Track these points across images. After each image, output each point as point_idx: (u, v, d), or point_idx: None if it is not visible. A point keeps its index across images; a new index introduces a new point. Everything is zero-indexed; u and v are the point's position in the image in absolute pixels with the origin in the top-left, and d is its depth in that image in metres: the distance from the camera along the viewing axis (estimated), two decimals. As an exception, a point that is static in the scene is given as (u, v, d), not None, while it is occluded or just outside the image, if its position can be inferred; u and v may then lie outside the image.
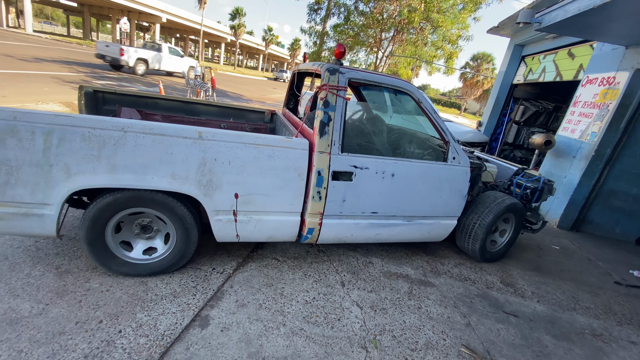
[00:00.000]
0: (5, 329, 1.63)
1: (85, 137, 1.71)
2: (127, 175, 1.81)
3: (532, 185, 3.16)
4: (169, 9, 38.42)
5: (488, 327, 2.25)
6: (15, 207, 1.75)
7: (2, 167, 1.66)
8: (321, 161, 2.13)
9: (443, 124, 2.53)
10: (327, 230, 2.34)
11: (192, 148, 1.87)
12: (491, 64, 34.62)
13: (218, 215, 2.06)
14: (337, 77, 2.17)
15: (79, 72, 12.21)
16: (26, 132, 1.64)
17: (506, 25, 7.31)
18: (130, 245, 2.13)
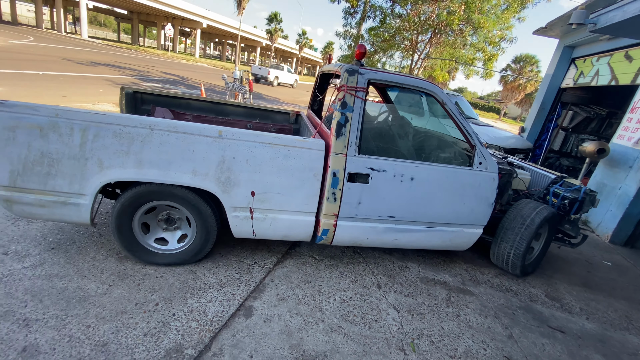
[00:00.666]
0: (75, 306, 1.83)
1: (117, 133, 1.85)
2: (153, 170, 1.93)
3: (571, 195, 2.91)
4: (210, 15, 40.28)
5: (532, 341, 2.16)
6: (56, 195, 1.92)
7: (45, 159, 1.83)
8: (337, 162, 2.12)
9: (469, 127, 2.42)
10: (342, 232, 2.31)
11: (213, 146, 1.95)
12: (535, 67, 32.71)
13: (235, 212, 2.13)
14: (356, 78, 2.14)
15: (129, 75, 13.16)
16: (66, 127, 1.80)
17: (555, 25, 6.92)
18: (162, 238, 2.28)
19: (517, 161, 3.57)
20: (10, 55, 12.02)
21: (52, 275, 2.02)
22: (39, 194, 1.91)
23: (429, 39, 11.67)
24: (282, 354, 1.73)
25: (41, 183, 1.88)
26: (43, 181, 1.87)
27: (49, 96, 6.97)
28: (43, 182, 1.88)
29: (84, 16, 31.75)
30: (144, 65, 18.66)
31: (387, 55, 13.30)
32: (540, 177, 3.27)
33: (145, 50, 32.73)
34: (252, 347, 1.74)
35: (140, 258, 2.21)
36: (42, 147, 1.81)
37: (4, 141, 1.78)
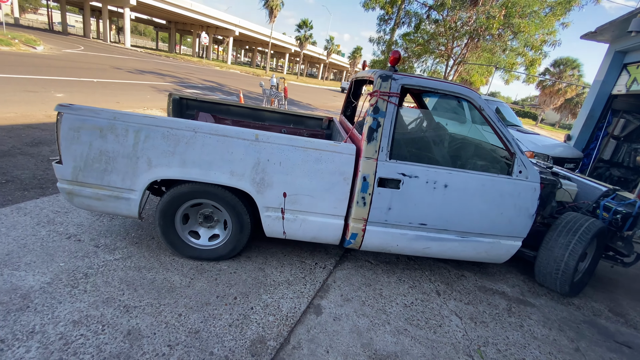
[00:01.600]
0: (165, 295, 2.02)
1: (165, 135, 2.00)
2: (195, 169, 2.06)
3: (624, 209, 2.68)
4: (242, 23, 41.73)
5: (599, 355, 2.12)
6: (110, 190, 2.12)
7: (103, 157, 2.02)
8: (367, 167, 2.12)
9: (508, 133, 2.33)
10: (371, 237, 2.30)
11: (249, 149, 2.05)
12: (577, 71, 31.07)
13: (268, 212, 2.21)
14: (389, 84, 2.15)
15: (171, 82, 13.92)
16: (122, 129, 1.99)
17: (606, 30, 6.63)
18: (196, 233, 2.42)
19: (564, 171, 3.41)
20: (66, 63, 13.13)
21: (140, 267, 2.24)
22: (96, 188, 2.12)
23: (466, 44, 11.47)
24: (355, 352, 1.83)
25: (99, 178, 2.09)
26: (100, 177, 2.08)
27: (104, 102, 7.55)
28: (100, 177, 2.08)
29: (127, 26, 33.96)
30: (182, 72, 19.66)
31: (420, 61, 13.19)
32: (590, 189, 3.06)
33: (182, 58, 34.45)
34: (327, 343, 1.85)
35: (180, 252, 2.36)
36: (101, 146, 2.01)
37: (70, 140, 2.00)
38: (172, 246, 2.35)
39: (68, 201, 2.22)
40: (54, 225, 2.59)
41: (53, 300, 1.85)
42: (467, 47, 11.58)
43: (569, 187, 2.91)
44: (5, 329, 1.63)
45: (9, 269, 2.03)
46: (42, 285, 1.94)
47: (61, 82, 8.98)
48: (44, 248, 2.29)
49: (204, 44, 31.22)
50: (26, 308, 1.77)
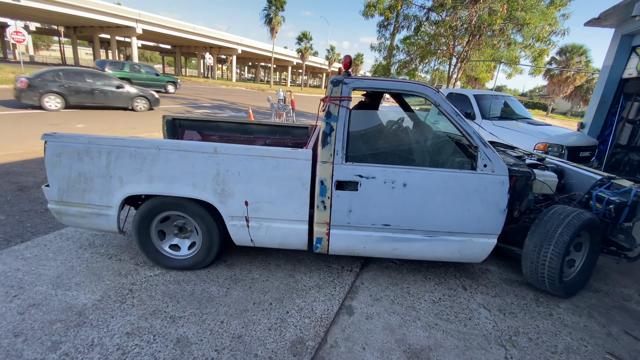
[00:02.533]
0: (206, 305, 2.16)
1: (132, 154, 2.16)
2: (161, 184, 2.19)
3: (617, 199, 2.44)
4: (244, 41, 42.79)
5: (632, 339, 2.13)
6: (91, 208, 2.29)
7: (82, 178, 2.21)
8: (324, 171, 2.15)
9: (468, 127, 2.26)
10: (336, 240, 2.31)
11: (209, 161, 2.16)
12: (584, 57, 30.54)
13: (233, 221, 2.29)
14: (340, 88, 2.18)
15: (181, 104, 14.39)
16: (96, 152, 2.17)
17: (610, 15, 6.61)
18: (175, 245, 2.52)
19: (558, 161, 3.19)
20: (85, 95, 13.76)
21: (179, 280, 2.39)
22: (79, 207, 2.31)
23: (467, 42, 11.53)
24: (390, 347, 1.91)
25: (80, 197, 2.27)
26: (81, 196, 2.26)
27: (121, 129, 7.91)
28: (81, 196, 2.26)
29: (135, 55, 35.28)
30: (191, 93, 20.29)
31: (424, 62, 13.30)
32: (584, 178, 2.84)
33: (189, 80, 35.51)
34: (362, 341, 1.94)
35: (156, 261, 2.48)
36: (80, 168, 2.20)
37: (54, 165, 2.21)
38: (150, 257, 2.47)
39: (58, 220, 2.42)
40: (95, 247, 2.77)
41: (106, 315, 2.00)
42: (469, 44, 11.63)
43: (547, 178, 2.66)
44: (67, 343, 1.79)
45: (62, 290, 2.21)
46: (94, 302, 2.11)
47: (80, 113, 9.46)
48: (89, 269, 2.46)
49: (209, 64, 32.18)
50: (83, 324, 1.93)
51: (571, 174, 2.97)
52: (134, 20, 31.52)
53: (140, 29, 32.19)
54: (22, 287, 2.21)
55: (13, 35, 17.53)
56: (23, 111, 8.94)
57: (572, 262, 2.53)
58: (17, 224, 3.08)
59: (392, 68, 13.55)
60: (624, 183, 2.63)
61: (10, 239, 2.80)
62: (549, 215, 2.33)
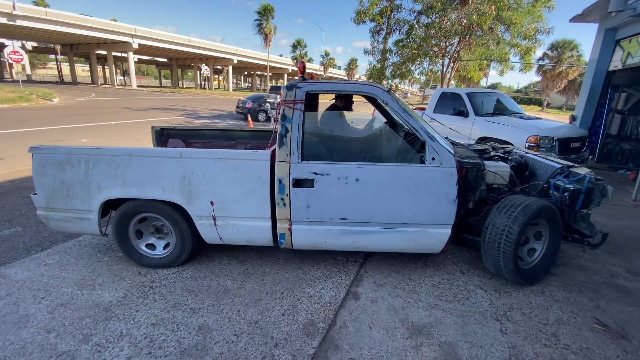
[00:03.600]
0: (222, 297, 2.33)
1: (108, 162, 2.34)
2: (134, 188, 2.36)
3: (572, 186, 2.50)
4: (239, 51, 43.31)
5: (619, 309, 2.30)
6: (74, 212, 2.47)
7: (64, 186, 2.40)
8: (281, 170, 2.28)
9: (416, 123, 2.37)
10: (298, 235, 2.42)
11: (176, 165, 2.31)
12: (575, 51, 31.00)
13: (201, 220, 2.44)
14: (294, 92, 2.35)
15: (180, 115, 14.64)
16: (75, 161, 2.36)
17: (592, 11, 6.88)
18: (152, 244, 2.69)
19: (522, 152, 3.24)
20: (82, 111, 14.03)
21: (196, 277, 2.56)
22: (63, 212, 2.49)
23: (459, 42, 11.81)
24: (394, 326, 2.08)
25: (64, 203, 2.45)
26: (65, 202, 2.44)
27: (125, 142, 8.11)
28: (65, 202, 2.45)
29: (132, 69, 35.74)
30: (190, 104, 20.60)
31: (416, 64, 13.58)
32: (547, 168, 2.90)
33: (186, 91, 35.91)
34: (369, 321, 2.11)
35: (134, 260, 2.65)
36: (62, 177, 2.39)
37: (40, 174, 2.41)
38: (129, 256, 2.64)
39: (47, 225, 2.61)
40: (113, 252, 2.95)
41: (131, 310, 2.17)
42: (460, 44, 11.91)
43: (499, 169, 2.68)
44: (98, 335, 1.96)
45: (87, 290, 2.38)
46: (119, 299, 2.28)
47: (83, 128, 9.68)
48: (110, 270, 2.64)
49: (206, 75, 32.57)
50: (110, 318, 2.10)
51: (536, 164, 3.01)
52: (129, 36, 32.00)
53: (137, 43, 32.67)
54: (48, 290, 2.37)
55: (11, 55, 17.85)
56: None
57: (532, 250, 2.58)
58: (35, 234, 3.25)
59: (387, 71, 13.83)
60: (581, 170, 2.73)
61: (30, 248, 2.97)
62: (502, 206, 2.39)
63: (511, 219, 2.26)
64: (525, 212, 2.25)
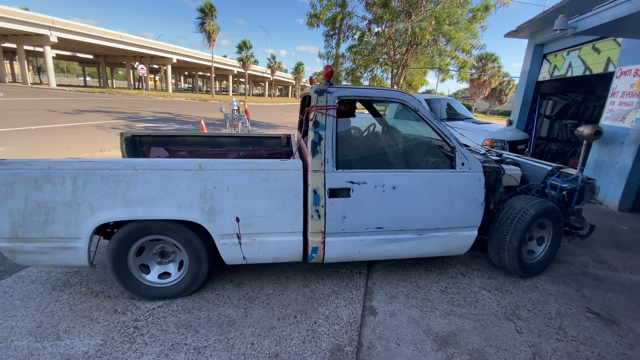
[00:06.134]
0: (229, 330, 2.05)
1: (104, 177, 1.96)
2: (139, 207, 2.00)
3: (568, 185, 2.80)
4: (179, 50, 40.62)
5: (601, 297, 2.56)
6: (54, 242, 2.02)
7: (41, 209, 1.94)
8: (316, 180, 2.14)
9: (446, 130, 2.41)
10: (332, 248, 2.31)
11: (194, 178, 2.02)
12: (496, 63, 35.22)
13: (223, 239, 2.16)
14: (325, 97, 2.20)
15: (118, 119, 13.16)
16: (58, 177, 1.92)
17: (525, 28, 7.78)
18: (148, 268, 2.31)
19: (512, 156, 3.48)
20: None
21: (189, 308, 2.22)
22: (39, 242, 2.02)
23: (406, 51, 12.52)
24: (420, 338, 2.02)
25: (40, 231, 1.99)
26: (41, 229, 1.98)
27: (53, 149, 6.99)
28: (41, 230, 1.98)
29: (50, 66, 31.29)
30: (126, 106, 18.63)
31: (368, 71, 14.06)
32: (537, 170, 3.14)
33: (119, 92, 32.47)
34: (395, 337, 2.02)
35: (138, 293, 2.25)
36: (38, 198, 1.93)
37: (3, 196, 1.91)
38: (129, 289, 2.25)
39: (11, 259, 2.09)
40: (73, 286, 2.44)
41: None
42: (407, 54, 12.64)
43: (513, 171, 2.94)
44: (79, 399, 1.57)
45: (49, 341, 1.91)
46: (97, 348, 1.87)
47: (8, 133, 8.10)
48: (75, 311, 2.17)
49: (142, 74, 29.82)
50: (92, 373, 1.70)
51: (526, 166, 3.24)
52: (46, 28, 27.98)
53: (55, 37, 28.70)
54: (-8, 347, 1.86)
55: None
56: None
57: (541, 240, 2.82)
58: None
59: (340, 76, 14.08)
60: (570, 171, 3.02)
61: (-48, 292, 2.33)
62: (521, 197, 2.65)
63: (529, 205, 2.52)
64: (542, 204, 2.53)
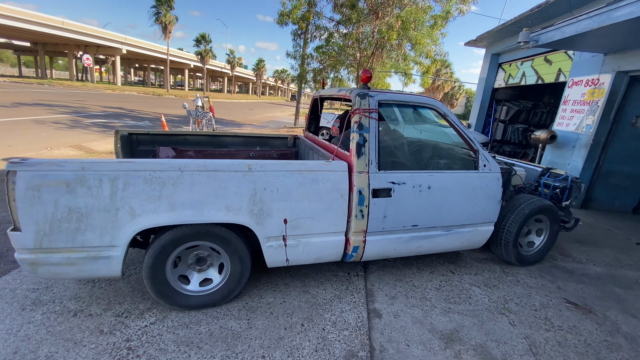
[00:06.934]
0: (235, 344, 1.93)
1: (147, 179, 1.83)
2: (186, 211, 1.91)
3: (560, 184, 3.25)
4: (129, 40, 37.74)
5: (573, 287, 2.83)
6: (85, 251, 1.85)
7: (74, 215, 1.76)
8: (361, 180, 2.22)
9: (470, 134, 2.60)
10: (371, 247, 2.39)
11: (243, 180, 1.98)
12: (449, 69, 37.52)
13: (269, 242, 2.15)
14: (367, 101, 2.30)
15: (63, 113, 11.91)
16: (94, 180, 1.76)
17: (484, 38, 8.37)
18: (187, 278, 2.22)
19: (505, 159, 3.74)
20: None
21: (186, 323, 2.06)
22: (67, 252, 1.84)
23: (372, 54, 12.84)
24: (427, 337, 2.08)
25: (69, 240, 1.81)
26: (72, 238, 1.81)
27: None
28: (72, 239, 1.81)
29: (-27, 51, 27.35)
30: (71, 100, 16.90)
31: (334, 72, 14.19)
32: (529, 171, 3.55)
33: (60, 84, 29.29)
34: (404, 339, 2.05)
35: (175, 303, 2.14)
36: (70, 203, 1.75)
37: (29, 202, 1.69)
38: (165, 298, 2.11)
39: (31, 273, 1.86)
40: (45, 305, 2.15)
41: (115, 387, 1.60)
42: (373, 56, 12.96)
43: (520, 172, 3.31)
44: None
45: (26, 371, 1.67)
46: (87, 375, 1.66)
47: None
48: (54, 334, 1.91)
49: (87, 65, 27.20)
50: (85, 406, 1.51)
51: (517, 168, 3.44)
52: (-32, 8, 24.44)
53: (-19, 19, 25.17)
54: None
55: None
56: None
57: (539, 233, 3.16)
58: None
59: (308, 76, 14.05)
60: (559, 172, 3.45)
61: None
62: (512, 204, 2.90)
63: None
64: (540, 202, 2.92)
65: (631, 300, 2.72)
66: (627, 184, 5.26)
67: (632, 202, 5.42)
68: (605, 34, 3.91)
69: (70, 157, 6.18)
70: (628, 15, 3.32)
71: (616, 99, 4.80)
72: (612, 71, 4.76)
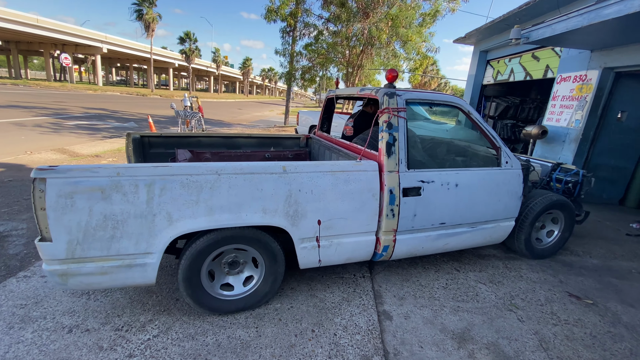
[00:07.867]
0: (245, 354, 1.86)
1: (184, 184, 1.81)
2: (224, 215, 1.90)
3: (572, 179, 3.34)
4: (110, 39, 36.60)
5: (574, 280, 2.87)
6: (120, 259, 1.81)
7: (109, 222, 1.72)
8: (391, 180, 2.23)
9: (493, 131, 2.64)
10: (401, 245, 2.40)
11: (279, 182, 1.98)
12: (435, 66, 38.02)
13: (303, 243, 2.15)
14: (395, 100, 2.29)
15: (42, 115, 11.45)
16: (130, 186, 1.73)
17: (473, 35, 8.46)
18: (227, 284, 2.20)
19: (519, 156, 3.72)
20: None
21: (192, 335, 1.98)
22: (100, 261, 1.79)
23: (362, 51, 12.82)
24: (440, 338, 2.05)
25: (104, 248, 1.77)
26: (106, 246, 1.76)
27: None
28: (106, 247, 1.77)
29: (-59, 50, 25.98)
30: (49, 101, 16.26)
31: (323, 70, 14.12)
32: (542, 167, 3.61)
33: (37, 84, 28.16)
34: (416, 340, 2.02)
35: (210, 308, 2.11)
36: (105, 210, 1.71)
37: (61, 210, 1.64)
38: (201, 305, 2.08)
39: (60, 285, 1.78)
40: (36, 321, 2.02)
41: (121, 407, 1.51)
42: (362, 54, 12.95)
43: (537, 168, 3.41)
44: None
45: (21, 395, 1.55)
46: (90, 396, 1.56)
47: None
48: (48, 354, 1.79)
49: (66, 65, 26.22)
50: None
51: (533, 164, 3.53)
52: None
53: (-52, 16, 23.91)
54: None
55: None
56: None
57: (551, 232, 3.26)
58: None
59: (297, 73, 13.92)
60: (569, 167, 3.52)
61: None
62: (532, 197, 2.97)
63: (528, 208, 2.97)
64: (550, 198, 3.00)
65: (627, 290, 2.78)
66: (613, 177, 5.41)
67: (618, 194, 5.58)
68: (593, 31, 3.98)
69: (53, 161, 5.93)
70: (616, 13, 3.37)
71: (603, 94, 4.92)
72: (599, 67, 4.87)
